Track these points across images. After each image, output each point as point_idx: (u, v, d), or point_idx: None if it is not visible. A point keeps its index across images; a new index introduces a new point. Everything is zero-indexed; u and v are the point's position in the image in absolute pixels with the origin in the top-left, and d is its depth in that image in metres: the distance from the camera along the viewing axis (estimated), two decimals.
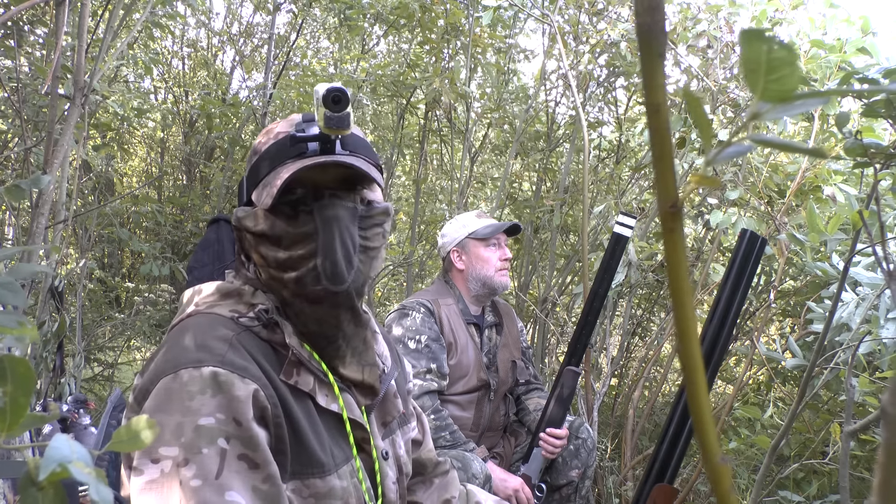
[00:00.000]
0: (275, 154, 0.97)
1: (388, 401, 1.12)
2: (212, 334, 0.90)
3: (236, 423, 0.83)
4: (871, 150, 1.15)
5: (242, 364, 0.88)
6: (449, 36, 3.58)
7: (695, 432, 0.33)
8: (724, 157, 0.32)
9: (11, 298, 0.49)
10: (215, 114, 4.22)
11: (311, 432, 0.94)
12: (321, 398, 0.97)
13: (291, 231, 0.94)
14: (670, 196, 0.31)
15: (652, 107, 0.31)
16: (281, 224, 0.94)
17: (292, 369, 0.95)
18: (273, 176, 0.95)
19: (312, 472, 0.93)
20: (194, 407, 0.82)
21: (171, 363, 0.87)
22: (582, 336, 2.12)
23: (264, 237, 0.95)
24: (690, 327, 0.32)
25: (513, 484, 2.03)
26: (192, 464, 0.79)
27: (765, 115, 0.30)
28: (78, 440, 1.94)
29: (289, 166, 0.93)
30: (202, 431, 0.81)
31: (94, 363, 4.01)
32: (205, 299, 0.99)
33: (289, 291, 0.96)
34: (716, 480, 0.32)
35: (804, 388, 1.46)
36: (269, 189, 0.94)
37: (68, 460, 0.29)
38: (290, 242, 0.94)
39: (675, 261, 0.32)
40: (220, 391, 0.84)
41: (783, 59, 0.29)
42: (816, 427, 2.33)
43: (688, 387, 0.32)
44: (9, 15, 1.67)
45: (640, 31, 0.30)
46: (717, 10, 2.85)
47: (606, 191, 4.01)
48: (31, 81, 3.06)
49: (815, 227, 1.69)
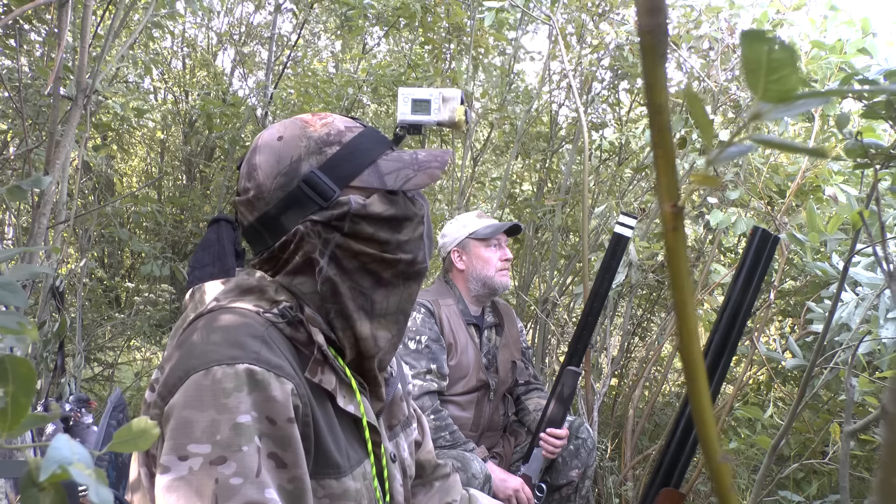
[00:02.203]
0: (369, 144, 1.01)
1: (395, 404, 1.13)
2: (243, 330, 0.89)
3: (269, 422, 0.83)
4: (870, 150, 1.16)
5: (277, 363, 0.87)
6: (451, 36, 3.58)
7: (696, 431, 0.33)
8: (725, 157, 0.32)
9: (12, 299, 0.49)
10: (215, 114, 4.21)
11: (328, 433, 0.93)
12: (340, 398, 0.96)
13: (415, 213, 1.00)
14: (672, 196, 0.32)
15: (654, 107, 0.31)
16: (409, 207, 1.00)
17: (317, 367, 0.94)
18: (394, 164, 1.00)
19: (328, 472, 0.92)
20: (231, 405, 0.81)
21: (200, 359, 0.85)
22: (582, 336, 2.12)
23: (391, 221, 0.98)
24: (692, 326, 0.32)
25: (513, 484, 2.03)
26: (231, 461, 0.78)
27: (765, 115, 0.31)
28: (80, 439, 1.94)
29: (411, 156, 1.01)
30: (241, 429, 0.80)
31: (94, 363, 4.01)
32: (225, 294, 0.98)
33: (393, 272, 1.00)
34: (717, 479, 0.32)
35: (804, 388, 1.46)
36: (396, 174, 0.99)
37: (69, 461, 0.29)
38: (413, 224, 1.01)
39: (676, 260, 0.32)
40: (256, 388, 0.83)
41: (783, 60, 0.29)
42: (816, 427, 2.33)
43: (688, 385, 0.32)
44: (11, 16, 1.68)
45: (643, 32, 0.31)
46: (717, 12, 2.85)
47: (608, 191, 4.01)
48: (33, 82, 3.06)
49: (815, 227, 1.69)
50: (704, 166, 0.33)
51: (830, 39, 2.36)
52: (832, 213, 2.05)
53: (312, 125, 1.01)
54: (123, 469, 1.93)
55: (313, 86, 3.94)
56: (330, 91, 3.77)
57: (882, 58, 2.10)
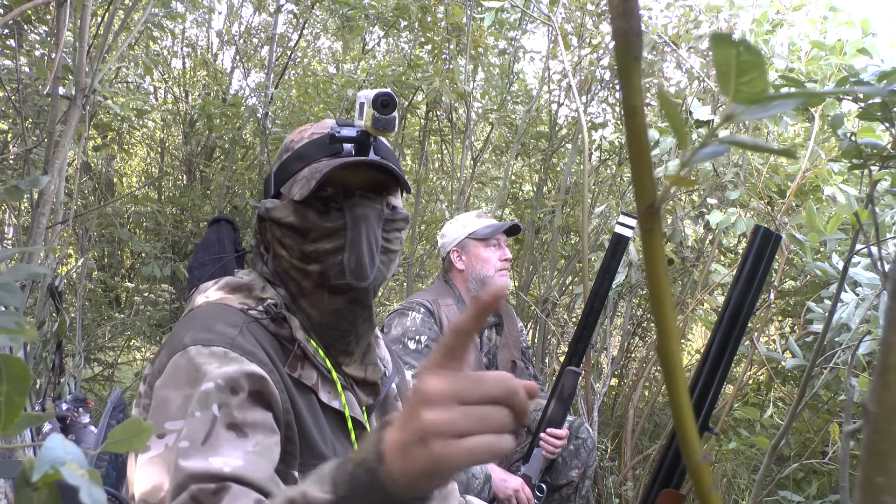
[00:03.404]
0: (310, 151, 1.01)
1: (389, 403, 1.13)
2: (221, 319, 0.93)
3: (232, 392, 0.84)
4: (865, 151, 1.15)
5: (250, 349, 0.90)
6: (450, 36, 3.58)
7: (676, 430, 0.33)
8: (698, 158, 0.32)
9: (9, 299, 0.49)
10: (215, 114, 4.21)
11: (314, 425, 0.95)
12: (323, 394, 0.99)
13: (321, 225, 0.97)
14: (648, 197, 0.32)
15: (629, 110, 0.31)
16: (312, 217, 0.97)
17: (297, 363, 0.97)
18: (308, 171, 0.99)
19: (315, 463, 0.93)
20: (199, 376, 0.84)
21: (180, 344, 0.89)
22: (582, 336, 2.11)
23: (292, 229, 0.98)
24: (670, 325, 0.32)
25: (513, 484, 2.03)
26: (185, 428, 0.80)
27: (738, 116, 0.31)
28: (78, 439, 1.94)
29: (325, 163, 0.98)
30: (200, 396, 0.82)
31: (94, 363, 4.01)
32: (214, 292, 1.02)
33: (310, 282, 0.99)
34: (696, 479, 0.32)
35: (804, 388, 1.46)
36: (304, 183, 0.98)
37: (62, 462, 0.29)
38: (319, 236, 0.97)
39: (653, 260, 0.32)
40: (225, 363, 0.86)
41: (752, 63, 0.29)
42: (816, 427, 2.33)
43: (667, 384, 0.32)
44: (11, 15, 1.68)
45: (617, 35, 0.31)
46: (717, 12, 2.85)
47: (608, 191, 4.01)
48: (32, 81, 3.06)
49: (815, 228, 1.68)
50: (680, 167, 0.33)
51: (830, 40, 2.36)
52: (832, 214, 2.05)
53: (299, 132, 1.07)
54: (123, 469, 1.92)
55: (314, 86, 3.93)
56: (330, 92, 3.77)
57: (881, 58, 2.10)
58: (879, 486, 0.29)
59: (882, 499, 0.28)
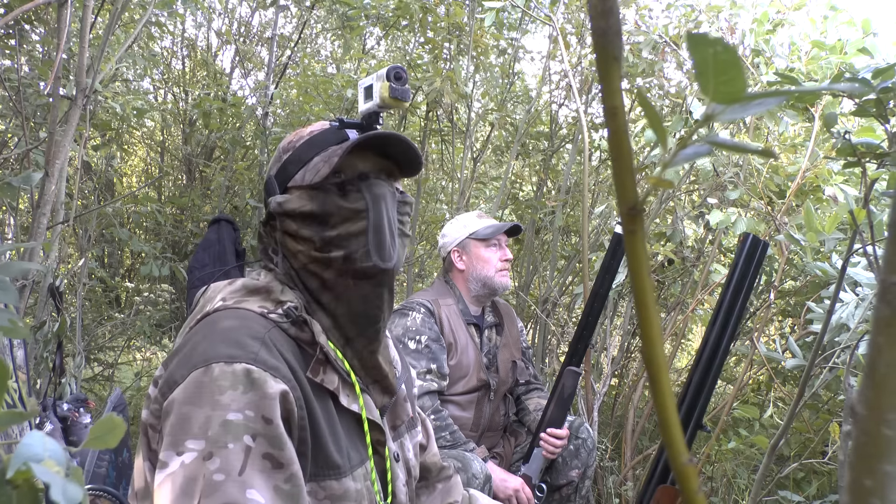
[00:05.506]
0: (319, 142, 1.01)
1: (399, 404, 1.13)
2: (244, 331, 0.91)
3: (265, 422, 0.83)
4: (859, 149, 1.15)
5: (274, 364, 0.88)
6: (450, 36, 3.58)
7: (661, 433, 0.33)
8: (679, 159, 0.32)
9: (3, 296, 0.48)
10: (213, 112, 4.21)
11: (329, 434, 0.94)
12: (343, 398, 0.97)
13: (344, 206, 0.96)
14: (630, 199, 0.31)
15: (609, 110, 0.31)
16: (333, 201, 0.96)
17: (319, 367, 0.96)
18: (320, 159, 0.99)
19: (328, 473, 0.93)
20: (224, 402, 0.82)
21: (201, 356, 0.86)
22: (583, 336, 2.11)
23: (311, 217, 0.97)
24: (654, 328, 0.32)
25: (513, 484, 2.03)
26: (217, 458, 0.79)
27: (718, 116, 0.31)
28: (79, 439, 1.94)
29: (338, 147, 0.99)
30: (230, 427, 0.81)
31: (94, 363, 4.01)
32: (231, 294, 1.00)
33: (333, 272, 0.97)
34: (683, 482, 0.32)
35: (803, 388, 1.46)
36: (320, 166, 0.98)
37: (39, 458, 0.29)
38: (340, 219, 0.96)
39: (637, 263, 0.32)
40: (252, 388, 0.84)
41: (729, 62, 0.29)
42: (816, 427, 2.33)
43: (651, 387, 0.32)
44: (11, 15, 1.68)
45: (596, 34, 0.30)
46: (718, 11, 2.85)
47: (608, 191, 4.01)
48: (32, 81, 3.06)
49: (813, 227, 1.68)
50: (661, 169, 0.33)
51: (831, 39, 2.35)
52: (832, 213, 2.05)
53: (297, 133, 1.06)
54: (123, 469, 1.93)
55: (313, 86, 3.93)
56: (330, 92, 3.77)
57: (883, 58, 2.09)
58: (867, 489, 0.29)
59: (870, 501, 0.28)
